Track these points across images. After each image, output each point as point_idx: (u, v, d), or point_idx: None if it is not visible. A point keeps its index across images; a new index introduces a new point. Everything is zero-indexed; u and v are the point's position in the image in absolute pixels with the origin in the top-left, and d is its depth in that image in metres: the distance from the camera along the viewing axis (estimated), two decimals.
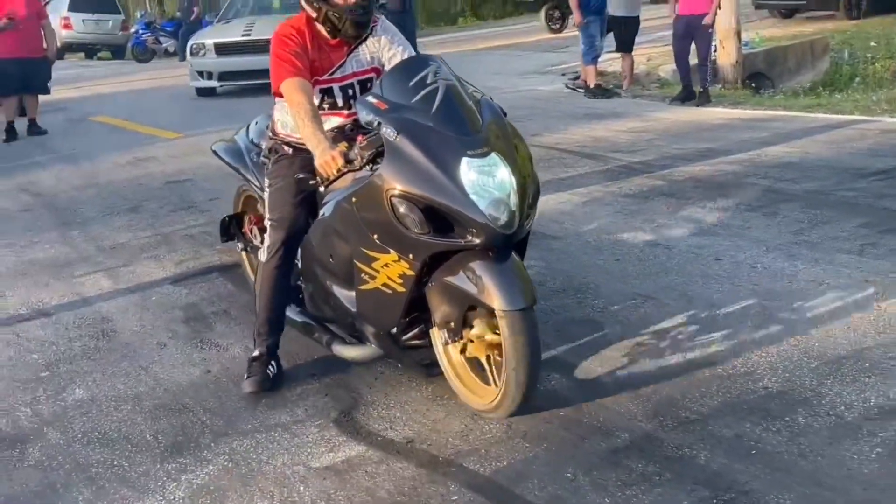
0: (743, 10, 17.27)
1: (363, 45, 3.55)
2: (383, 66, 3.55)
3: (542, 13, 20.04)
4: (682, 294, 4.16)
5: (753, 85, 12.75)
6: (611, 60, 12.49)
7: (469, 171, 2.85)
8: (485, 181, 2.86)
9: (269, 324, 3.58)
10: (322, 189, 3.32)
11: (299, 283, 3.78)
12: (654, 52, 13.40)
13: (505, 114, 3.18)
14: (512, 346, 2.87)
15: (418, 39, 18.11)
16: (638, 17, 11.31)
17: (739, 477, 2.70)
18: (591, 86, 10.99)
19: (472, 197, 2.83)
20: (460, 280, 2.94)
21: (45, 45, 10.24)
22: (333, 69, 3.52)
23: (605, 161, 7.07)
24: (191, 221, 6.14)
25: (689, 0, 10.05)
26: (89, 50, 26.44)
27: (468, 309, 3.06)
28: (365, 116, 3.06)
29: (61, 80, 14.56)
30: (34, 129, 10.52)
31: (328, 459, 3.00)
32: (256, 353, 3.58)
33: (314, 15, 3.44)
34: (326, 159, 3.04)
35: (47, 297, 4.77)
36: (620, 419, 3.10)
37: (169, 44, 23.84)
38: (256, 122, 4.35)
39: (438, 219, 2.89)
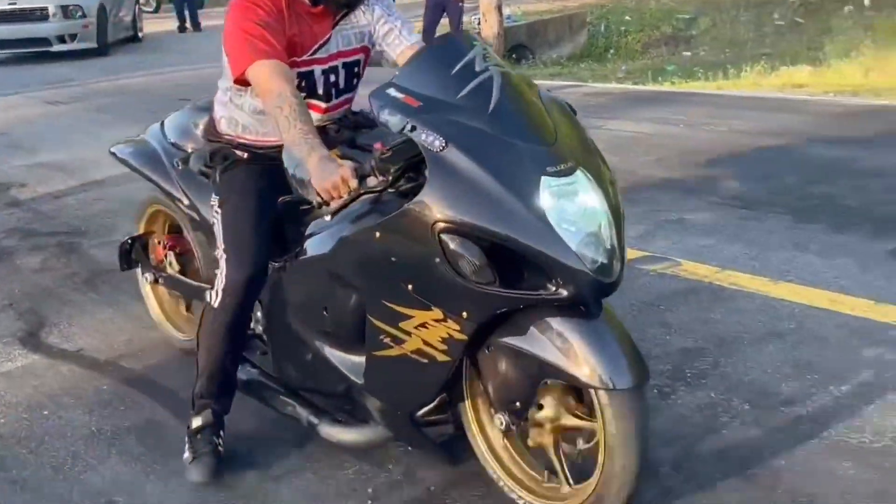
0: None
1: (351, 17, 2.67)
2: (374, 45, 2.74)
3: None
4: None
5: (514, 56, 13.78)
6: None
7: (549, 196, 2.00)
8: (567, 207, 2.01)
9: (218, 385, 2.71)
10: (329, 218, 2.33)
11: (255, 331, 2.93)
12: None
13: (575, 112, 2.34)
14: (617, 435, 2.10)
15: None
16: None
17: None
18: None
19: (559, 231, 1.99)
20: (536, 345, 2.12)
21: None
22: (316, 47, 2.61)
23: None
24: None
25: None
26: None
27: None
28: (387, 116, 2.15)
29: None
30: None
31: (4, 368, 3.49)
32: (199, 422, 2.69)
33: None
34: (334, 180, 2.11)
35: None
36: None
37: None
38: (172, 119, 3.36)
39: (499, 259, 2.07)
